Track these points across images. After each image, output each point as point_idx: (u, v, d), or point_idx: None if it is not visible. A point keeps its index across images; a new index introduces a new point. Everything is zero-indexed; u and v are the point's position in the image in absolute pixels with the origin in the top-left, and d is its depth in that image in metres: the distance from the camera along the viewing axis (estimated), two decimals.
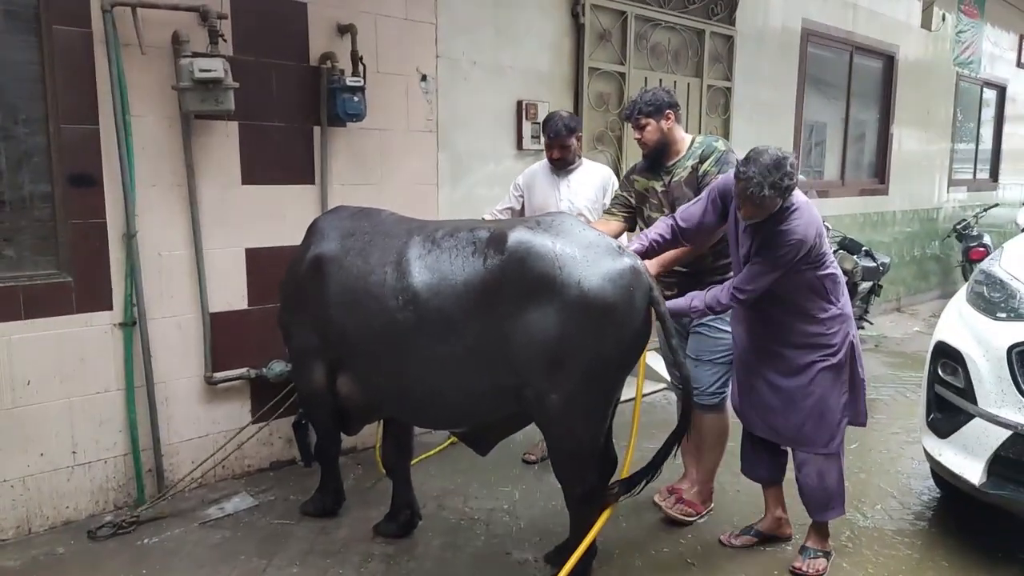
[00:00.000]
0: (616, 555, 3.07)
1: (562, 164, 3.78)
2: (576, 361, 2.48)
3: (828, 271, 2.78)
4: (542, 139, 3.90)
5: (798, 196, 2.69)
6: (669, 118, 3.18)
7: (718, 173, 3.03)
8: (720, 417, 3.28)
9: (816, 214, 2.72)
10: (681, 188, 3.15)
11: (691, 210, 2.88)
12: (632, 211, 3.37)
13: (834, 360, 2.82)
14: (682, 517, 3.31)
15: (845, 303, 2.85)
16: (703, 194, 2.91)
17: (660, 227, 2.89)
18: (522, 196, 3.91)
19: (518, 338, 2.49)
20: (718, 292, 2.76)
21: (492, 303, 2.52)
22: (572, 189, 3.76)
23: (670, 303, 2.76)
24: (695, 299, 2.80)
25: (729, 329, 3.09)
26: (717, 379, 3.21)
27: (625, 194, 3.39)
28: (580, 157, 3.86)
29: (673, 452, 2.71)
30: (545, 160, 3.88)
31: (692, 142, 3.23)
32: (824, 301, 2.79)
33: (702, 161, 3.12)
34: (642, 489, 2.76)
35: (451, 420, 2.94)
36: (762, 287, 2.70)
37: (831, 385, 2.83)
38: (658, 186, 3.24)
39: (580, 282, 2.43)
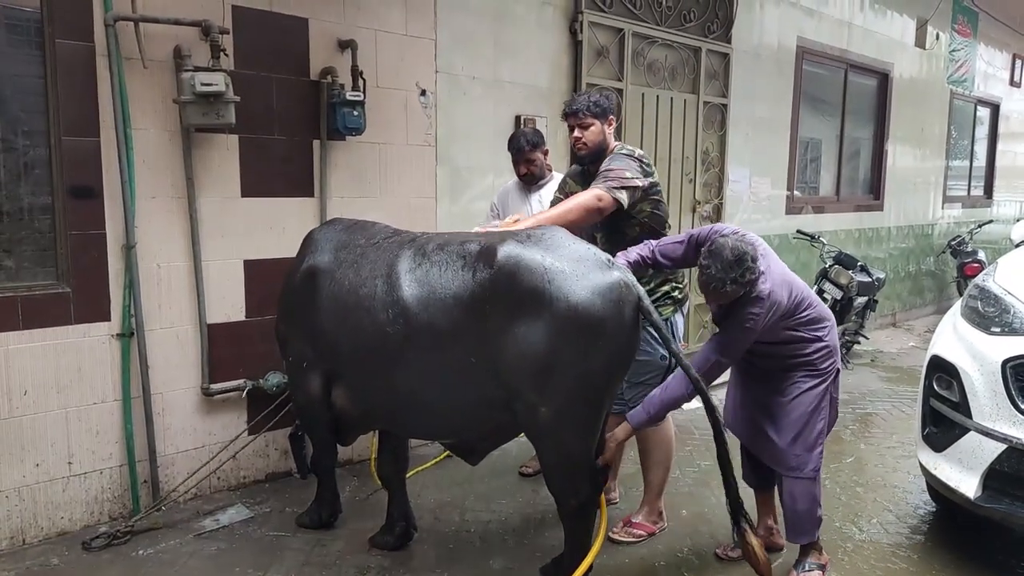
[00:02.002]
0: (611, 569, 3.06)
1: (531, 179, 3.81)
2: (566, 374, 2.48)
3: (807, 316, 2.82)
4: (511, 159, 3.90)
5: (765, 283, 2.67)
6: (611, 123, 3.19)
7: (608, 166, 3.03)
8: (658, 430, 3.23)
9: (780, 296, 2.72)
10: None
11: (669, 248, 2.90)
12: None
13: (816, 383, 2.87)
14: (630, 539, 3.28)
15: (828, 335, 2.88)
16: (682, 236, 2.91)
17: (643, 250, 2.92)
18: (498, 215, 3.94)
19: (508, 352, 2.49)
20: (675, 387, 2.73)
21: (481, 317, 2.52)
22: (543, 204, 3.76)
23: (631, 419, 2.79)
24: (650, 406, 2.75)
25: (653, 351, 3.08)
26: (638, 396, 3.09)
27: (562, 196, 3.39)
28: (550, 171, 3.89)
29: (730, 462, 2.71)
30: (516, 178, 3.91)
31: (612, 149, 3.21)
32: (807, 340, 2.85)
33: (607, 161, 3.11)
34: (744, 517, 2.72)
35: (442, 431, 2.95)
36: (718, 370, 2.77)
37: (812, 408, 2.87)
38: (579, 191, 3.23)
39: (569, 296, 2.44)
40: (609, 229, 3.15)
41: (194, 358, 3.54)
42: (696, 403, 2.88)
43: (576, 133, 3.19)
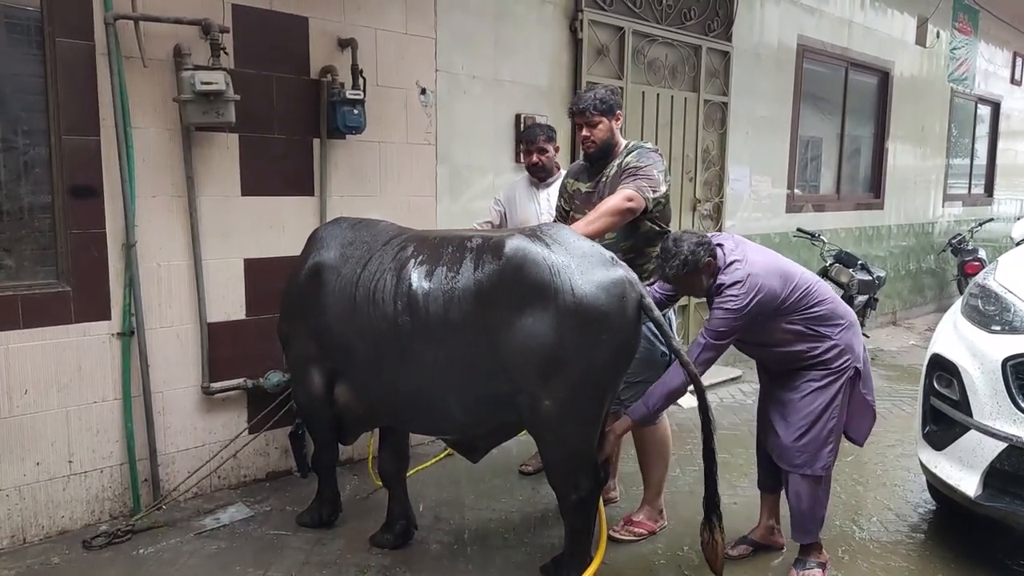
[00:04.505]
0: (612, 568, 3.07)
1: (540, 172, 3.80)
2: (569, 368, 2.51)
3: (816, 313, 2.82)
4: (522, 149, 3.92)
5: (739, 269, 2.72)
6: (618, 119, 3.20)
7: (636, 163, 3.05)
8: (654, 429, 3.22)
9: (765, 282, 2.72)
10: (607, 187, 3.12)
11: None
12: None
13: (828, 382, 2.85)
14: (631, 538, 3.28)
15: (840, 333, 2.85)
16: None
17: (655, 289, 3.01)
18: (503, 211, 3.94)
19: (513, 344, 2.52)
20: (671, 378, 2.76)
21: (488, 310, 2.55)
22: (551, 202, 3.75)
23: (632, 413, 2.82)
24: (649, 398, 2.78)
25: (653, 347, 3.07)
26: (636, 395, 3.09)
27: (561, 200, 3.40)
28: (559, 169, 3.89)
29: (715, 456, 2.72)
30: (525, 174, 3.93)
31: (626, 145, 3.21)
32: (817, 338, 2.83)
33: (627, 156, 3.12)
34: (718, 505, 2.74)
35: (447, 427, 2.95)
36: (713, 356, 2.80)
37: (822, 407, 2.85)
38: (583, 187, 3.26)
39: (574, 290, 2.48)
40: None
41: (194, 357, 3.54)
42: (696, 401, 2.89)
43: (584, 132, 3.18)
